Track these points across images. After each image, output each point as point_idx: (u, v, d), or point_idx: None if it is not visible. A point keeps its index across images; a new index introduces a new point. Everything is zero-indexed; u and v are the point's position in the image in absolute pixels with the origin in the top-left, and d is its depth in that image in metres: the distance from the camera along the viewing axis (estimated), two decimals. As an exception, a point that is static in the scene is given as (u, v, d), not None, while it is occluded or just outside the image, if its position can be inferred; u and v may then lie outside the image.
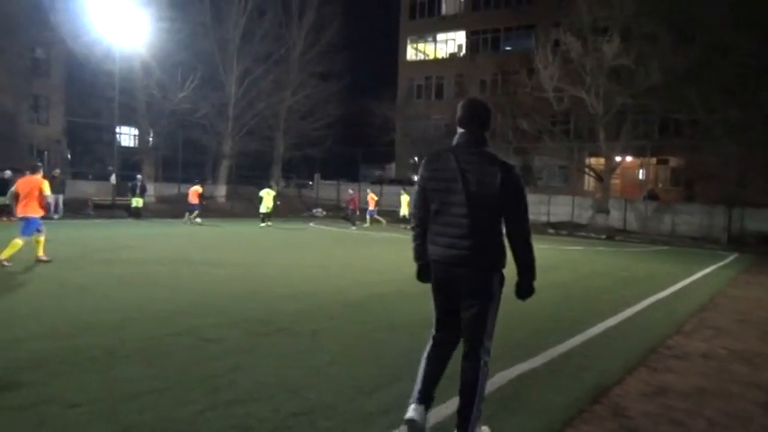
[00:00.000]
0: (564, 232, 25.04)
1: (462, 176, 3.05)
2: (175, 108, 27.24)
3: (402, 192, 25.23)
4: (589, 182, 32.80)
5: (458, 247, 3.09)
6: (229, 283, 8.15)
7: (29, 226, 9.16)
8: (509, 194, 3.05)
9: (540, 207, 28.54)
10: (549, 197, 28.59)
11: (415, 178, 32.14)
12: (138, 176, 22.73)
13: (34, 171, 9.30)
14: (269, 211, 20.88)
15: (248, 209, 26.98)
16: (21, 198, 9.05)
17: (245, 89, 30.68)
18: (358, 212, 23.66)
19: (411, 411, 3.13)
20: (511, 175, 3.07)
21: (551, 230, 25.55)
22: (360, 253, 13.62)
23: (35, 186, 9.10)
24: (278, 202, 22.15)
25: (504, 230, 3.09)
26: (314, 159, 36.41)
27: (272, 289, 7.85)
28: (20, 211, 9.12)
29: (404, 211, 24.12)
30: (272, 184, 24.58)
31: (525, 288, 3.27)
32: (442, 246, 3.14)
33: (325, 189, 35.87)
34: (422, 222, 3.22)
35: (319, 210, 31.39)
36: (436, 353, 3.28)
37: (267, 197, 20.88)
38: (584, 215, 27.65)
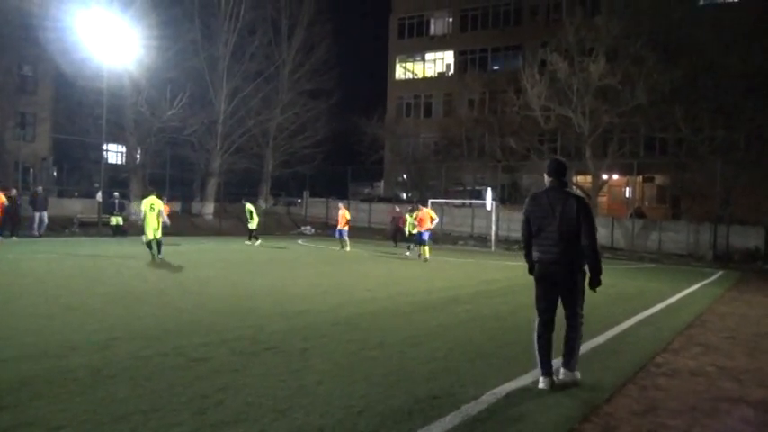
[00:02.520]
0: (552, 250, 25.14)
1: (552, 208, 4.72)
2: (164, 125, 27.18)
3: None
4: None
5: (552, 252, 4.71)
6: (217, 302, 8.09)
7: None
8: (582, 218, 4.63)
9: (528, 225, 28.69)
10: (538, 215, 28.75)
11: (404, 196, 31.85)
12: (115, 194, 22.37)
13: None
14: (257, 227, 20.72)
15: (237, 226, 26.90)
16: None
17: (235, 107, 30.75)
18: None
19: (541, 383, 4.67)
20: (584, 206, 4.69)
21: (540, 248, 25.67)
22: (350, 271, 13.57)
23: None
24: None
25: (580, 242, 4.62)
26: (303, 177, 36.42)
27: (261, 307, 7.79)
28: None
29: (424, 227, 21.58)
30: (260, 201, 24.36)
31: (594, 281, 4.73)
32: (542, 252, 4.76)
33: (314, 206, 35.86)
34: (528, 238, 4.87)
35: (308, 227, 31.32)
36: (543, 328, 4.77)
37: (254, 213, 20.65)
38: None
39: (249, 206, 20.98)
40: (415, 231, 17.53)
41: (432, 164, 36.21)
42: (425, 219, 16.60)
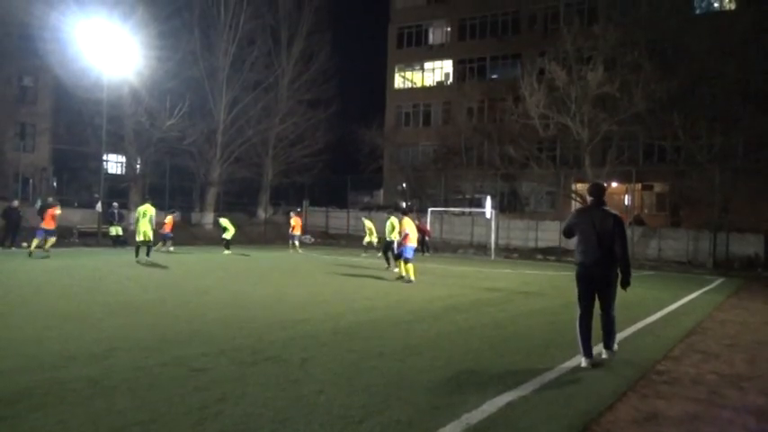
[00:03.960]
0: (552, 258, 25.14)
1: (593, 222, 5.96)
2: (163, 135, 27.26)
3: (365, 218, 23.95)
4: (576, 207, 33.11)
5: (592, 258, 5.93)
6: (216, 311, 8.07)
7: None
8: (617, 232, 5.84)
9: (527, 233, 28.70)
10: (537, 222, 28.77)
11: (403, 204, 31.81)
12: (114, 204, 22.31)
13: None
14: (231, 238, 21.23)
15: (236, 236, 26.82)
16: None
17: (234, 116, 30.86)
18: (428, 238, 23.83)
19: (583, 363, 5.78)
20: (619, 222, 5.93)
21: (539, 256, 25.64)
22: (349, 280, 13.55)
23: None
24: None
25: (614, 250, 5.81)
26: (302, 186, 36.47)
27: (260, 316, 7.77)
28: None
29: (368, 238, 22.15)
30: (259, 210, 24.32)
31: (624, 281, 5.82)
32: (584, 257, 6.01)
33: (313, 216, 35.84)
34: (567, 234, 6.34)
35: (308, 236, 31.28)
36: (584, 319, 5.94)
37: (229, 225, 21.10)
38: (572, 240, 27.78)
39: (222, 220, 21.61)
40: (391, 239, 15.07)
41: (431, 172, 36.26)
42: (411, 230, 13.70)
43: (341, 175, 35.81)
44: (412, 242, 13.52)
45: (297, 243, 23.25)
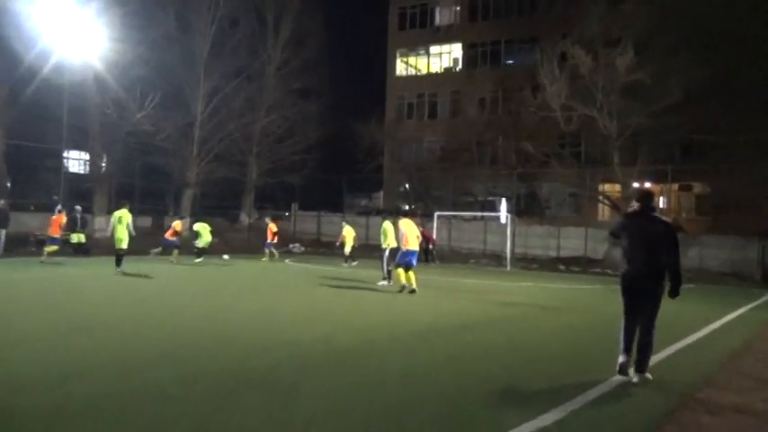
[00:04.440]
0: (576, 269, 25.14)
1: (641, 230, 6.25)
2: (133, 130, 27.33)
3: (345, 223, 23.88)
4: (603, 211, 33.09)
5: (639, 267, 6.19)
6: (193, 330, 8.05)
7: None
8: (667, 239, 6.13)
9: (548, 240, 28.71)
10: (559, 229, 28.80)
11: (406, 207, 31.84)
12: (77, 208, 22.30)
13: None
14: (206, 246, 21.41)
15: (216, 244, 26.83)
16: None
17: (214, 108, 30.93)
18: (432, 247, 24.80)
19: (621, 358, 6.21)
20: (668, 228, 6.30)
21: (562, 267, 25.65)
22: (344, 293, 13.55)
23: None
24: (215, 239, 22.14)
25: (663, 259, 6.12)
26: (291, 187, 36.53)
27: (244, 336, 7.75)
28: None
29: (348, 246, 22.50)
30: (242, 215, 24.38)
31: (674, 291, 6.17)
32: (631, 266, 6.26)
33: (304, 221, 35.87)
34: (613, 237, 6.63)
35: (297, 245, 31.24)
36: (627, 329, 6.27)
37: (204, 231, 21.40)
38: (598, 249, 27.76)
39: (196, 226, 22.05)
40: (385, 247, 15.30)
41: (438, 172, 36.33)
42: (410, 233, 13.98)
43: (335, 174, 35.85)
44: (411, 246, 13.60)
45: (273, 251, 23.76)
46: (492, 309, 11.83)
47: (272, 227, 23.88)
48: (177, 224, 21.44)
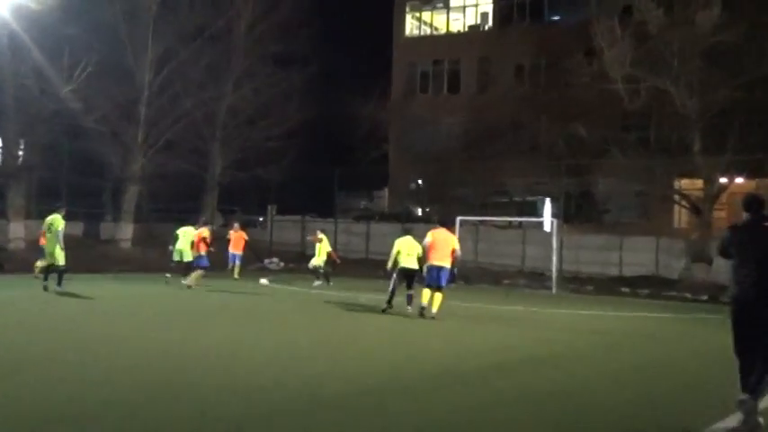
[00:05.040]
0: (644, 291, 25.04)
1: (751, 245, 6.46)
2: (59, 108, 27.32)
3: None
4: (680, 215, 33.00)
5: (750, 292, 6.33)
6: (138, 371, 8.03)
7: None
8: None
9: (607, 254, 28.62)
10: (621, 239, 28.71)
11: (419, 212, 31.75)
12: None
13: None
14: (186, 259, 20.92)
15: (167, 258, 26.85)
16: None
17: (165, 79, 30.92)
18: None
19: (741, 396, 6.23)
20: None
21: (625, 289, 25.55)
22: (335, 324, 13.52)
23: None
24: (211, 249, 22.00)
25: None
26: (266, 185, 36.49)
27: (204, 381, 7.74)
28: None
29: (317, 260, 23.28)
30: (201, 220, 24.30)
31: None
32: (740, 291, 6.48)
33: (283, 229, 35.84)
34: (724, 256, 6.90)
35: (274, 260, 31.23)
36: (743, 369, 6.35)
37: (184, 238, 20.87)
38: (673, 265, 27.69)
39: (183, 230, 21.58)
40: (403, 265, 15.80)
41: (460, 163, 36.24)
42: (444, 245, 15.02)
43: (324, 168, 35.84)
44: (438, 260, 14.57)
45: (238, 264, 24.27)
46: (532, 345, 11.79)
47: (243, 234, 24.56)
48: (205, 231, 21.15)
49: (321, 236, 23.60)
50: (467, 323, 14.43)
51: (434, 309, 14.24)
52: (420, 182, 39.40)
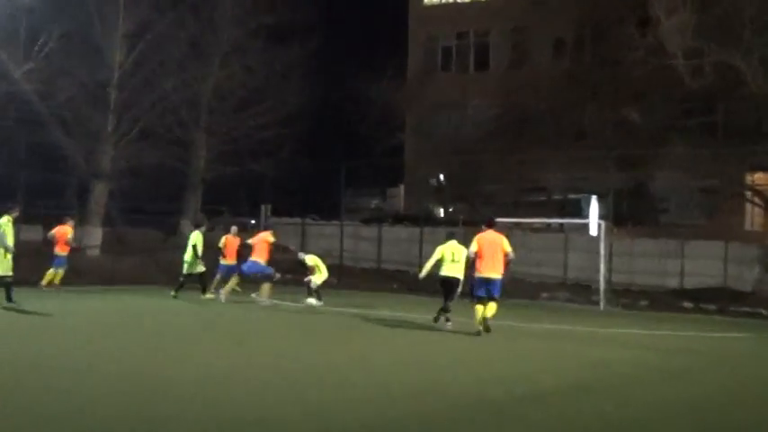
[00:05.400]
0: (710, 307, 24.93)
1: None
2: (14, 91, 27.41)
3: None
4: (753, 215, 32.83)
5: None
6: (107, 403, 8.02)
7: None
8: None
9: (665, 262, 28.50)
10: (683, 244, 28.59)
11: (441, 213, 31.79)
12: None
13: None
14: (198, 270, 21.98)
15: (142, 268, 27.01)
16: None
17: (140, 56, 30.98)
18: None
19: None
20: None
21: (687, 304, 25.45)
22: (344, 347, 13.50)
23: None
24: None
25: None
26: (260, 181, 36.54)
27: (186, 414, 7.69)
28: None
29: (319, 277, 22.67)
30: (183, 222, 24.48)
31: None
32: None
33: (280, 232, 35.84)
34: None
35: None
36: None
37: (200, 242, 22.12)
38: (745, 276, 27.54)
39: (195, 235, 22.63)
40: (444, 273, 16.75)
41: (490, 155, 36.19)
42: (494, 251, 15.63)
43: (329, 161, 35.86)
44: (490, 272, 15.09)
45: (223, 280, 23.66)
46: (576, 370, 11.72)
47: (230, 241, 23.97)
48: (269, 236, 22.13)
49: (311, 261, 22.87)
50: (497, 344, 14.39)
51: (489, 314, 14.84)
52: (442, 177, 39.31)
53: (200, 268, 22.33)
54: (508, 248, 15.47)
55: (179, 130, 33.98)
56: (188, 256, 22.26)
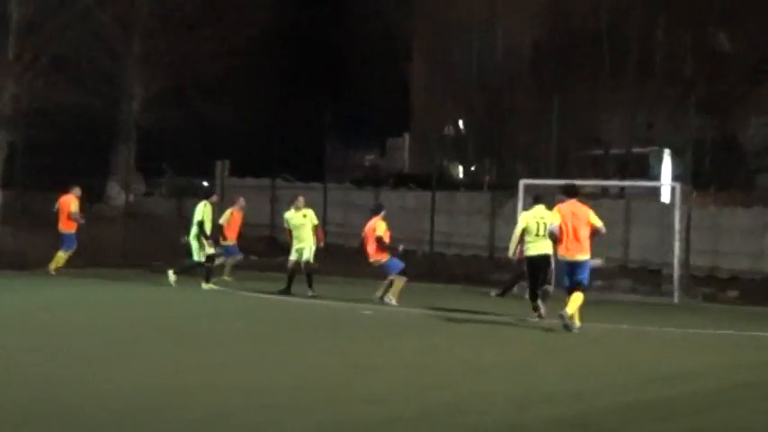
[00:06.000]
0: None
1: None
2: None
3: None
4: None
5: None
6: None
7: None
8: None
9: (762, 239, 28.37)
10: (786, 214, 28.58)
11: (460, 173, 32.02)
12: None
13: None
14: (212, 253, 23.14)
15: (53, 245, 27.01)
16: None
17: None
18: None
19: None
20: None
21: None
22: (335, 352, 13.64)
23: None
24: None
25: None
26: (215, 129, 36.56)
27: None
28: None
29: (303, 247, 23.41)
30: (110, 185, 24.56)
31: None
32: None
33: (243, 198, 35.81)
34: None
35: (228, 247, 31.31)
36: None
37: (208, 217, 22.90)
38: None
39: (202, 207, 23.30)
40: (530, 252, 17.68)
41: (526, 95, 36.19)
42: (577, 226, 16.30)
43: (308, 103, 35.83)
44: (573, 253, 15.79)
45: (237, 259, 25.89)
46: (640, 385, 11.67)
47: (236, 211, 26.62)
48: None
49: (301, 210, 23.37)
50: (536, 347, 14.41)
51: (569, 310, 15.36)
52: (461, 125, 39.35)
53: (209, 251, 22.98)
54: (597, 222, 15.95)
55: (105, 60, 33.95)
56: (193, 235, 22.99)
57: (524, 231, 16.95)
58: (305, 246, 22.55)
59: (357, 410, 9.53)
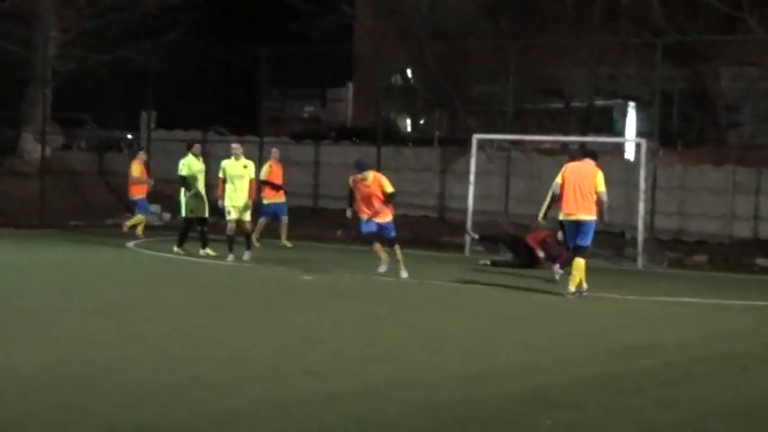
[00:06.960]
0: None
1: None
2: None
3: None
4: None
5: None
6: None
7: None
8: None
9: (733, 200, 28.66)
10: (758, 175, 28.78)
11: (408, 125, 32.03)
12: None
13: None
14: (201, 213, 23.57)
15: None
16: None
17: None
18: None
19: None
20: None
21: (762, 260, 25.70)
22: (269, 322, 13.74)
23: None
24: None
25: None
26: (140, 76, 36.37)
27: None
28: None
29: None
30: (24, 137, 24.44)
31: None
32: None
33: (169, 152, 35.67)
34: None
35: (156, 208, 31.31)
36: None
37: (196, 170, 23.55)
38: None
39: (188, 161, 23.79)
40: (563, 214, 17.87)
41: (480, 41, 36.23)
42: (580, 186, 16.84)
43: (240, 48, 35.73)
44: (575, 212, 16.59)
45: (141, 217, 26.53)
46: (602, 358, 11.88)
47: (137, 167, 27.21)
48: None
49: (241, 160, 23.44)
50: (492, 319, 14.55)
51: (571, 285, 16.04)
52: (410, 73, 39.38)
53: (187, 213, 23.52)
54: (601, 186, 16.21)
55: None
56: (182, 193, 23.50)
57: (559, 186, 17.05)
58: (243, 202, 22.43)
59: (294, 384, 9.66)
